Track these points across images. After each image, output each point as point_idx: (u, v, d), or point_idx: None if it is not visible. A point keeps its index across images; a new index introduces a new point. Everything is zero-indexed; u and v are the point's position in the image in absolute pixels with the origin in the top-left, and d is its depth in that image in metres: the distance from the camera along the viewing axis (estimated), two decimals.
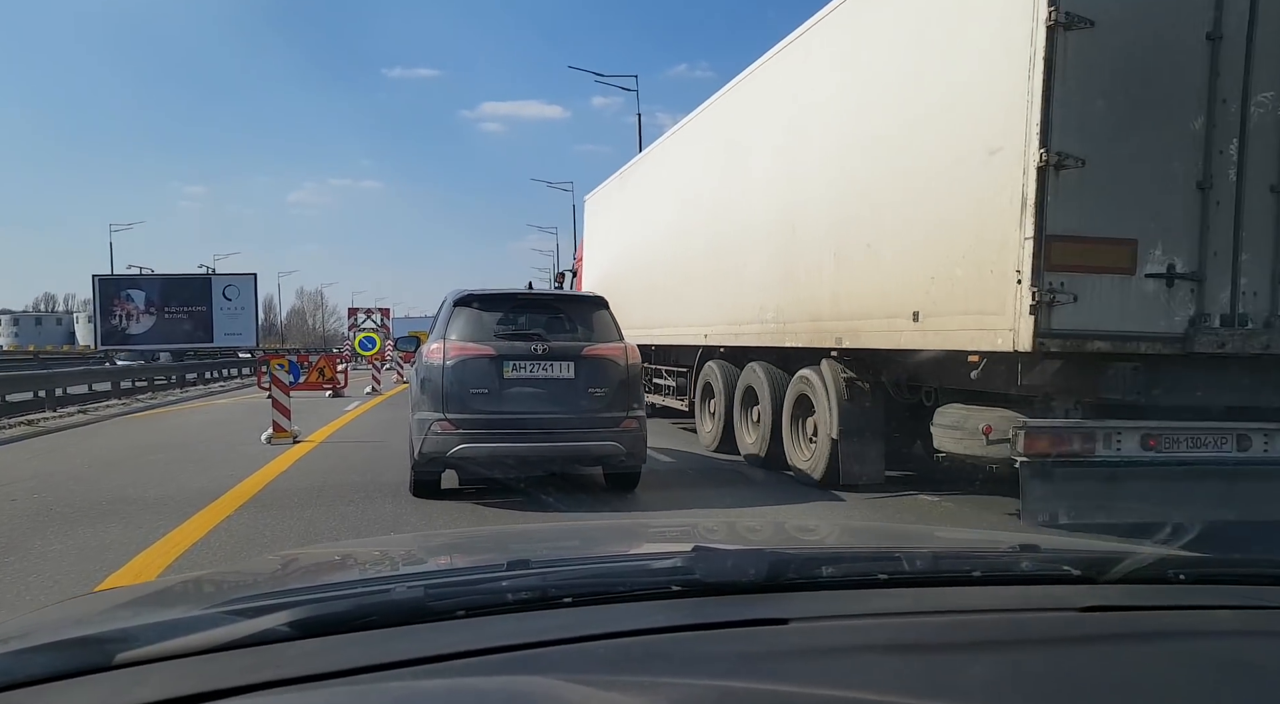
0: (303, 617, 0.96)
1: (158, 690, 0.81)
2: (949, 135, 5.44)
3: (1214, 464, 5.08)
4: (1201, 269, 4.86)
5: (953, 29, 5.47)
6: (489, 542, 2.12)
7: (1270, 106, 4.87)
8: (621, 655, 0.93)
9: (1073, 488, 4.95)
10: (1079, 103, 4.67)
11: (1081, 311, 4.75)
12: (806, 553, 1.43)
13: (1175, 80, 4.79)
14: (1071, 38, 4.63)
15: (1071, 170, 4.67)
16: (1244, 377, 5.11)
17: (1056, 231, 4.69)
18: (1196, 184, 4.84)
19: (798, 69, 7.79)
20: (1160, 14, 4.76)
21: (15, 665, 0.90)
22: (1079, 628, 1.07)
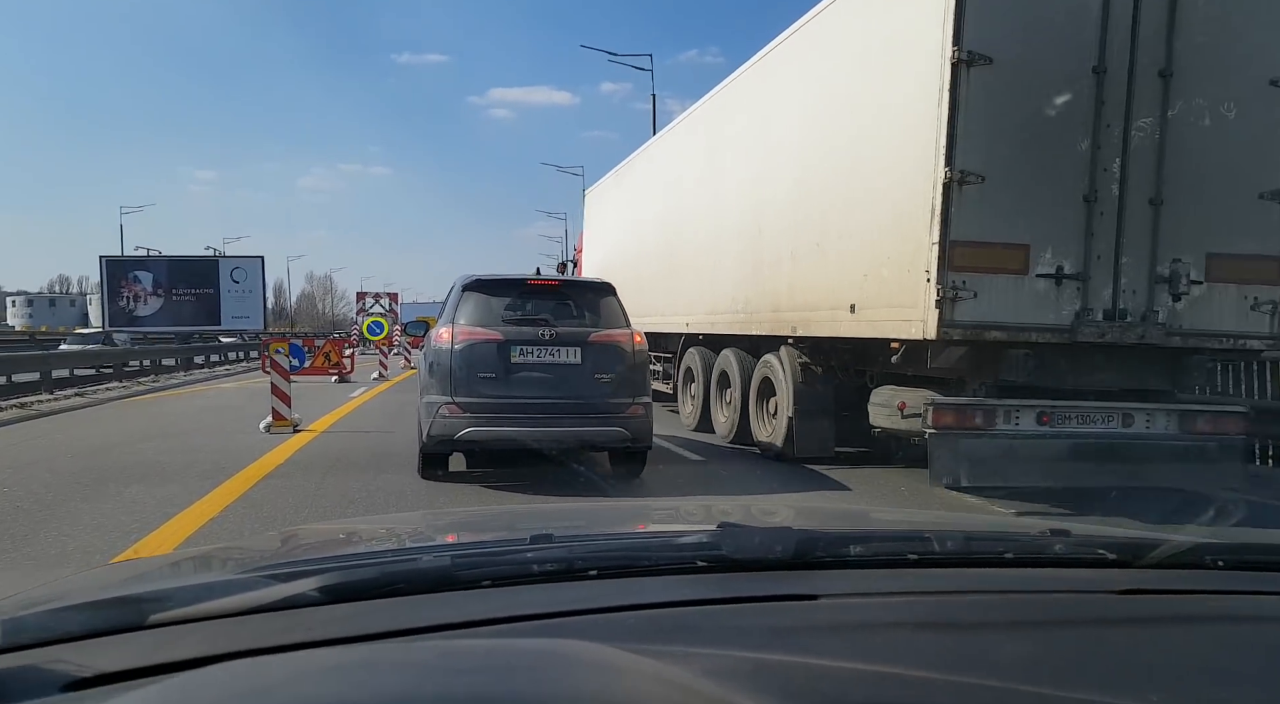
0: (332, 582, 0.97)
1: (190, 649, 0.83)
2: (880, 151, 6.25)
3: (1101, 438, 5.90)
4: (1086, 270, 5.67)
5: (884, 60, 6.26)
6: (510, 518, 2.12)
7: (1148, 130, 5.65)
8: (651, 626, 0.93)
9: (974, 455, 5.77)
10: (980, 128, 5.47)
11: (981, 306, 5.56)
12: (835, 532, 1.38)
13: (1065, 108, 5.58)
14: (973, 73, 5.42)
15: (973, 185, 5.48)
16: (1128, 363, 5.93)
17: (959, 238, 5.50)
18: (1083, 197, 5.64)
19: (764, 83, 8.59)
20: (1051, 51, 5.55)
21: (54, 622, 0.93)
22: (1115, 610, 1.06)
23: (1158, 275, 5.74)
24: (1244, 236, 5.82)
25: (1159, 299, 5.76)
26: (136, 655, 0.83)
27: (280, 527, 5.01)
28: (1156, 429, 5.95)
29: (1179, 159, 5.69)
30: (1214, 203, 5.77)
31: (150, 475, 6.61)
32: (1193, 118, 5.68)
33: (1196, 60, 5.65)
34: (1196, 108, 5.68)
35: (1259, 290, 5.87)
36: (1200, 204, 5.74)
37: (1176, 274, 5.74)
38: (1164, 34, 5.61)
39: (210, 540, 4.66)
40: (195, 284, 35.34)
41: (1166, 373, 6.06)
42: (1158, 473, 5.96)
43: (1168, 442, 5.94)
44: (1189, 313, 5.80)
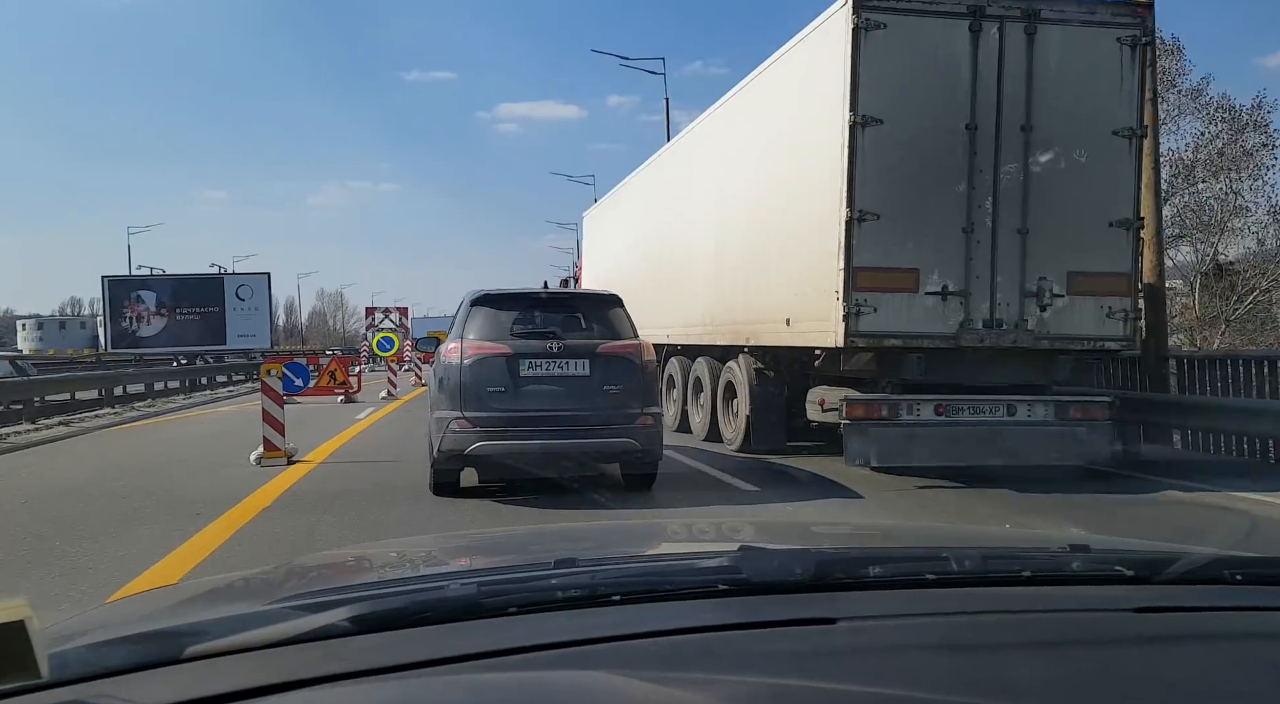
0: (362, 612, 0.99)
1: (229, 683, 0.85)
2: (804, 194, 7.59)
3: (989, 425, 7.19)
4: (967, 288, 6.98)
5: (805, 119, 7.62)
6: (531, 541, 2.16)
7: (1014, 174, 6.98)
8: (674, 653, 0.95)
9: (882, 441, 7.08)
10: (874, 175, 6.81)
11: (880, 319, 6.89)
12: (853, 553, 1.42)
13: (945, 157, 6.92)
14: (867, 132, 6.77)
15: (870, 222, 6.81)
16: (1008, 363, 7.23)
17: (860, 264, 6.83)
18: (962, 229, 6.96)
19: (727, 127, 9.96)
20: (931, 112, 6.89)
21: (97, 657, 0.95)
22: (1133, 628, 1.06)
23: (1027, 291, 7.05)
24: (1098, 257, 7.12)
25: (1029, 310, 7.06)
26: (177, 690, 0.85)
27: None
28: (1036, 417, 7.24)
29: (1041, 196, 7.00)
30: (1072, 231, 7.08)
31: (110, 526, 5.74)
32: (1051, 163, 7.00)
33: (1051, 117, 6.97)
34: (1053, 155, 7.00)
35: (1112, 301, 7.17)
36: (1060, 232, 7.05)
37: (1042, 289, 7.05)
38: (1023, 97, 6.93)
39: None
40: (200, 303, 34.16)
41: (1041, 370, 7.35)
42: (1037, 453, 7.25)
43: (1045, 427, 7.23)
44: (1055, 321, 7.10)
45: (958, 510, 6.49)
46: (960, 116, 6.91)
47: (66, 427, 13.49)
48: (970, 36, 6.87)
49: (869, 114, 6.76)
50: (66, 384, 16.55)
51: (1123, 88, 7.07)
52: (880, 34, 6.74)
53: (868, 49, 6.72)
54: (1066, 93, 6.99)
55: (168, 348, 33.02)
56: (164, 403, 18.85)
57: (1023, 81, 6.93)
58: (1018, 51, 6.92)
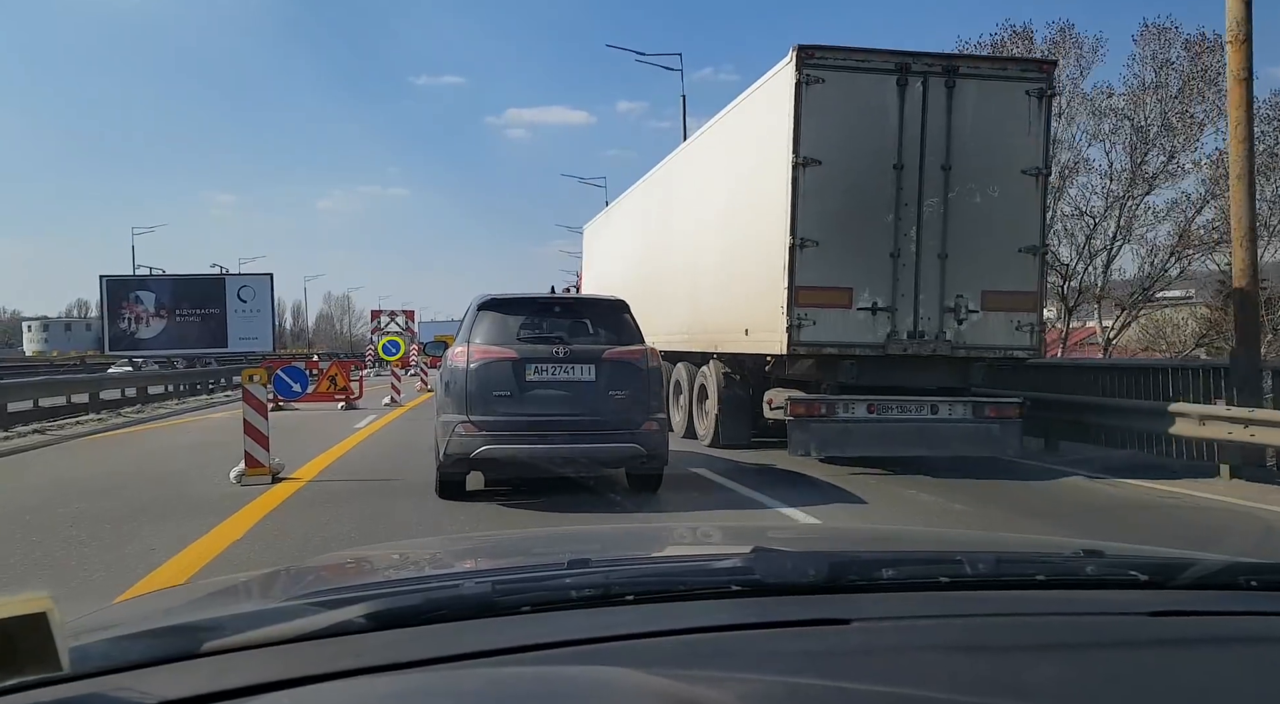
0: (378, 609, 1.00)
1: (245, 677, 0.87)
2: (759, 220, 8.76)
3: (914, 421, 8.34)
4: (894, 304, 8.14)
5: (760, 157, 8.79)
6: (545, 542, 2.18)
7: (935, 207, 8.14)
8: (688, 651, 0.95)
9: (821, 434, 8.24)
10: (814, 209, 7.98)
11: (819, 331, 8.06)
12: (867, 555, 1.41)
13: (875, 192, 8.08)
14: (808, 171, 7.94)
15: (810, 248, 7.98)
16: (931, 369, 8.39)
17: (801, 283, 8.00)
18: (890, 254, 8.12)
19: (700, 156, 11.15)
20: (863, 154, 8.06)
21: (116, 651, 0.96)
22: (1148, 632, 1.07)
23: (946, 307, 8.21)
24: (1008, 278, 8.28)
25: (947, 323, 8.22)
26: (195, 683, 0.86)
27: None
28: (955, 415, 8.40)
29: (958, 225, 8.16)
30: (986, 255, 8.24)
31: (43, 568, 4.84)
32: (967, 197, 8.16)
33: (968, 158, 8.13)
34: (970, 190, 8.16)
35: (1020, 316, 8.33)
36: (975, 256, 8.21)
37: (959, 305, 8.21)
38: (944, 140, 8.10)
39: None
40: (200, 304, 32.96)
41: (958, 375, 8.51)
42: (956, 446, 8.40)
43: (964, 423, 8.38)
44: (970, 333, 8.26)
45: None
46: (889, 157, 8.07)
47: (42, 435, 12.50)
48: (898, 89, 8.04)
49: (809, 156, 7.94)
50: (40, 388, 15.60)
51: (1030, 132, 8.23)
52: (819, 87, 7.92)
53: (808, 100, 7.90)
54: (981, 137, 8.15)
55: (167, 351, 32.14)
56: (155, 408, 17.75)
57: (943, 127, 8.10)
58: (939, 102, 8.09)
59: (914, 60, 8.07)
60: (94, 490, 7.45)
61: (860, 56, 8.05)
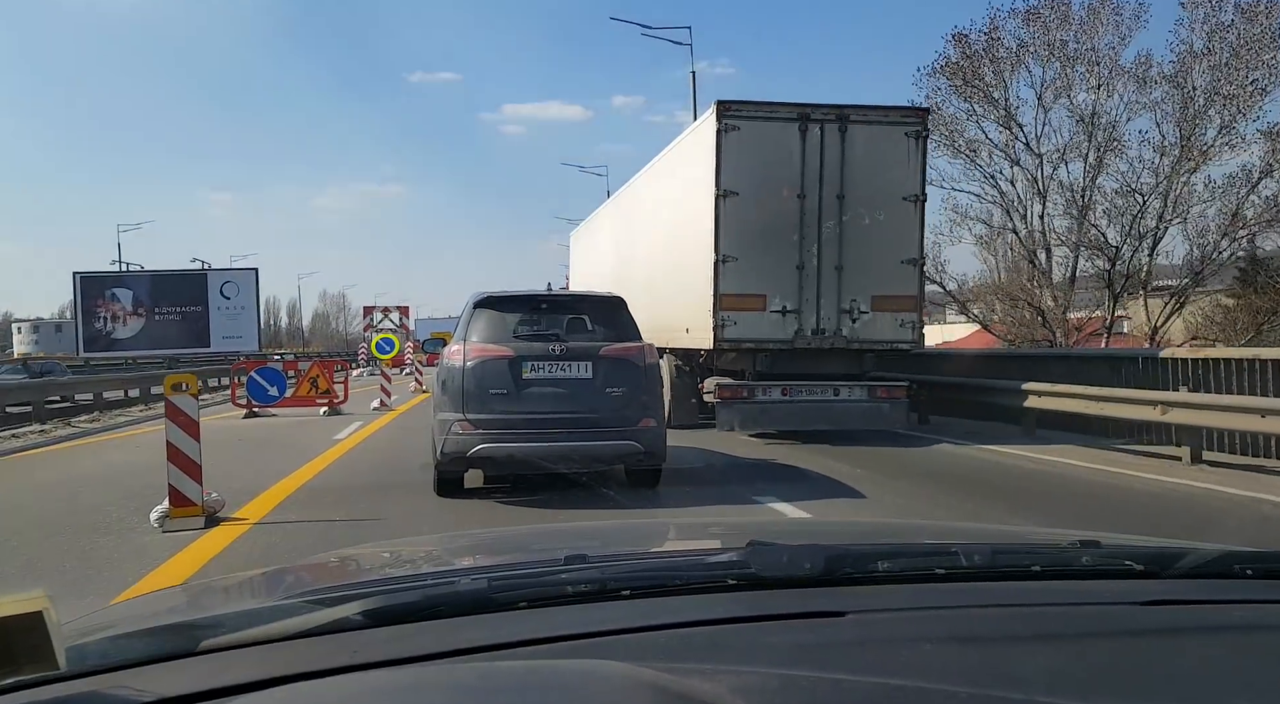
0: (375, 606, 1.01)
1: (242, 674, 0.87)
2: (694, 239, 10.71)
3: (820, 402, 10.29)
4: (800, 307, 10.09)
5: (694, 187, 10.74)
6: (543, 538, 2.18)
7: (832, 228, 10.07)
8: (683, 645, 0.96)
9: (743, 413, 10.18)
10: (733, 230, 9.92)
11: (739, 329, 10.00)
12: (861, 548, 1.40)
13: (782, 217, 10.02)
14: (727, 200, 9.88)
15: (731, 263, 9.93)
16: (832, 359, 10.34)
17: (724, 292, 9.94)
18: (796, 266, 10.06)
19: (656, 179, 13.11)
20: (773, 186, 10.00)
21: (114, 649, 0.98)
22: (1142, 621, 1.08)
23: (842, 309, 10.16)
24: (893, 285, 10.22)
25: (844, 322, 10.17)
26: (192, 681, 0.86)
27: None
28: (853, 396, 10.34)
29: (851, 243, 10.10)
30: (874, 267, 10.17)
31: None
32: (858, 220, 10.10)
33: (858, 188, 10.06)
34: (860, 214, 10.10)
35: (903, 316, 10.28)
36: (866, 268, 10.15)
37: (853, 308, 10.16)
38: (838, 174, 10.04)
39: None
40: (181, 301, 30.85)
41: (854, 364, 10.46)
42: (854, 421, 10.34)
43: (860, 403, 10.32)
44: (863, 330, 10.21)
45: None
46: (794, 188, 10.02)
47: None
48: (800, 133, 9.99)
49: (728, 188, 9.89)
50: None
51: (909, 166, 10.18)
52: (736, 133, 9.87)
53: (727, 144, 9.85)
54: (869, 171, 10.09)
55: (145, 351, 30.48)
56: (115, 416, 15.99)
57: (837, 163, 10.04)
58: (834, 143, 10.03)
59: (812, 110, 10.02)
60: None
61: (769, 108, 10.01)
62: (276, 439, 11.19)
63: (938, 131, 19.22)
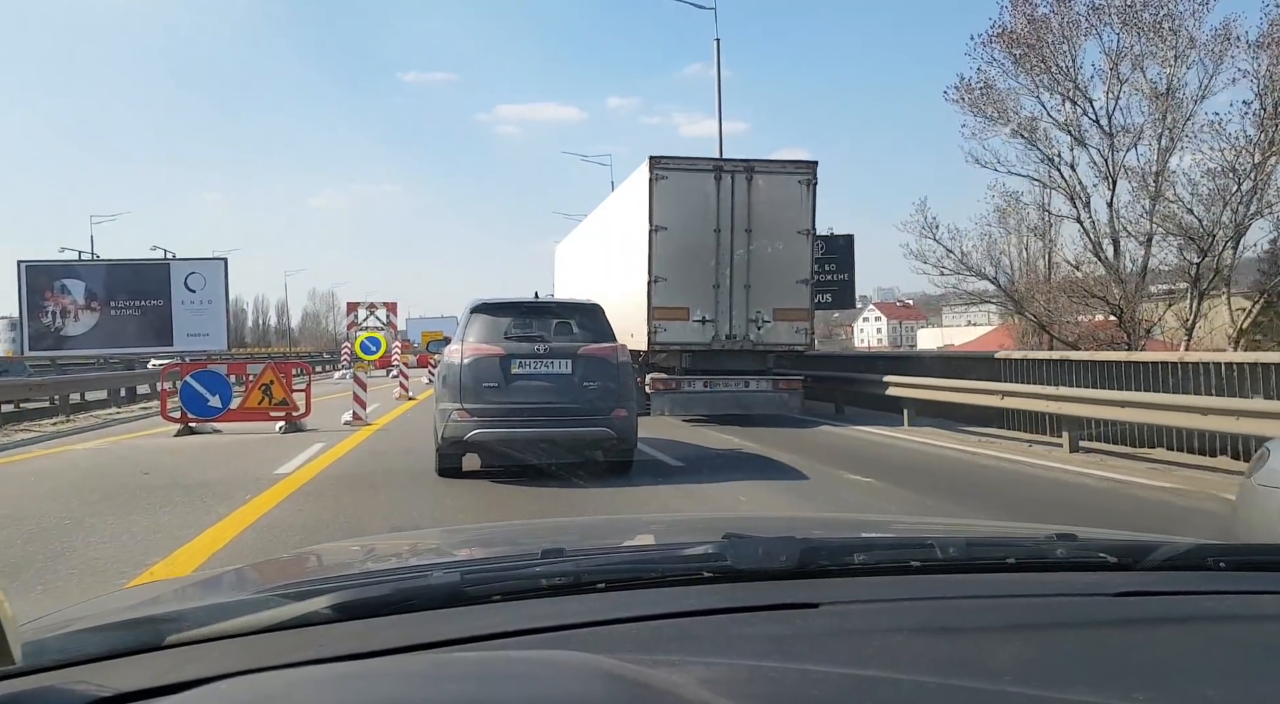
0: (344, 600, 1.00)
1: (206, 668, 0.85)
2: (634, 262, 13.44)
3: (734, 391, 13.04)
4: (716, 317, 12.85)
5: (634, 220, 13.48)
6: (522, 533, 2.19)
7: (742, 256, 12.84)
8: (653, 636, 0.96)
9: (672, 401, 12.91)
10: (663, 257, 12.67)
11: (669, 335, 12.76)
12: (838, 541, 1.41)
13: (702, 246, 12.78)
14: (658, 234, 12.64)
15: (661, 282, 12.68)
16: (743, 359, 13.11)
17: (656, 305, 12.69)
18: (713, 285, 12.83)
19: (610, 210, 15.86)
20: (694, 222, 12.75)
21: (74, 644, 0.96)
22: (1115, 612, 1.09)
23: (750, 319, 12.93)
24: (790, 300, 13.00)
25: (751, 330, 12.94)
26: (154, 675, 0.85)
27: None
28: (760, 388, 13.10)
29: (757, 267, 12.86)
30: (775, 286, 12.94)
31: None
32: (762, 249, 12.87)
33: (762, 223, 12.83)
34: (763, 244, 12.87)
35: (798, 324, 13.08)
36: (768, 286, 12.92)
37: (758, 318, 12.93)
38: (746, 213, 12.80)
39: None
40: (140, 294, 27.52)
41: (760, 362, 13.23)
42: (760, 407, 13.10)
43: (765, 392, 13.09)
44: (766, 335, 12.98)
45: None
46: (710, 224, 12.78)
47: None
48: (715, 181, 12.76)
49: (659, 224, 12.64)
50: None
51: (802, 207, 12.96)
52: (664, 181, 12.63)
53: (657, 189, 12.60)
54: (770, 210, 12.87)
55: (99, 349, 27.24)
56: (41, 425, 14.61)
57: (745, 204, 12.81)
58: (742, 189, 12.80)
59: (726, 163, 12.81)
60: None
61: (690, 162, 12.79)
62: (197, 471, 8.32)
63: (990, 108, 18.45)
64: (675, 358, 13.13)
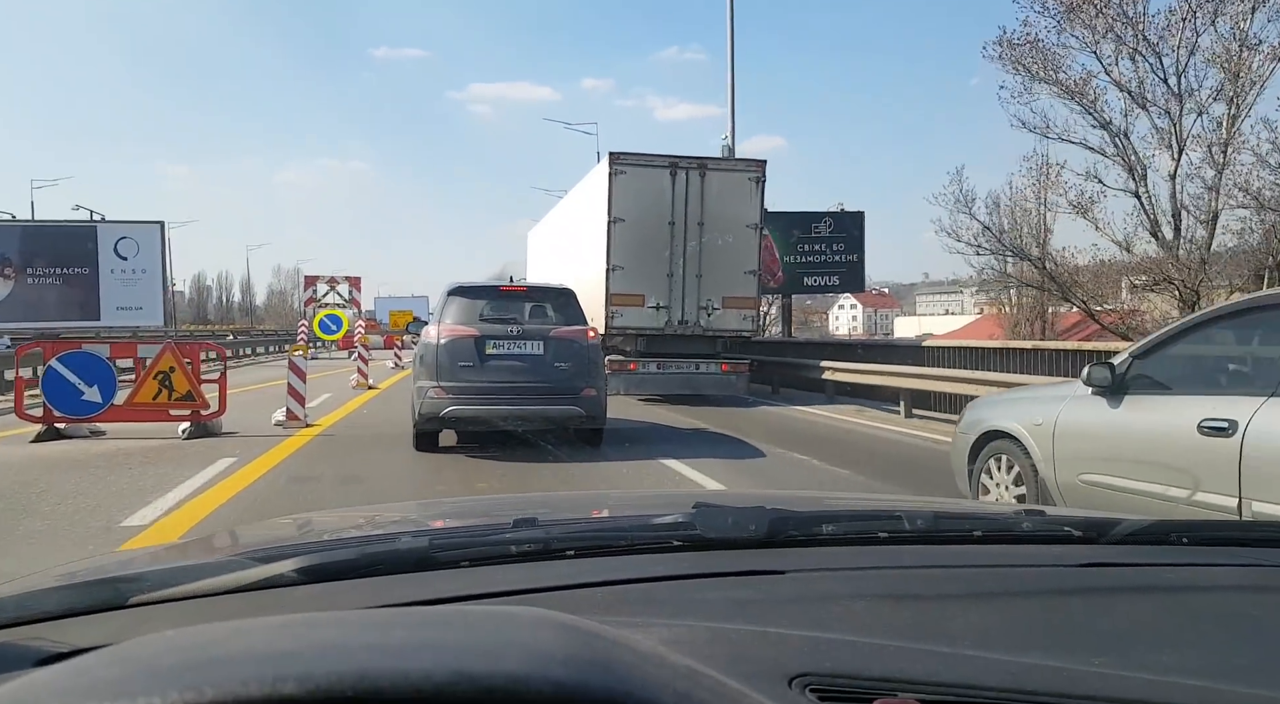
0: (311, 563, 1.00)
1: (166, 626, 0.81)
2: (594, 251, 14.32)
3: (685, 373, 14.00)
4: (670, 304, 13.79)
5: (594, 211, 14.35)
6: (494, 505, 2.21)
7: (694, 247, 13.77)
8: (618, 600, 0.98)
9: (628, 381, 13.81)
10: (620, 247, 13.57)
11: (625, 319, 13.68)
12: (806, 512, 1.43)
13: (657, 238, 13.70)
14: (616, 225, 13.53)
15: (618, 271, 13.59)
16: (695, 343, 14.08)
17: (613, 292, 13.60)
18: (667, 274, 13.76)
19: (575, 201, 16.70)
20: (650, 214, 13.65)
21: (32, 601, 0.96)
22: (1076, 581, 1.12)
23: (700, 306, 13.88)
24: (738, 289, 13.97)
25: (701, 316, 13.90)
26: (113, 633, 0.84)
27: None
28: (709, 370, 14.08)
29: (708, 258, 13.81)
30: (725, 276, 13.90)
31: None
32: (713, 241, 13.81)
33: (713, 217, 13.76)
34: (714, 237, 13.81)
35: (746, 312, 14.07)
36: (719, 277, 13.88)
37: (708, 305, 13.89)
38: (699, 207, 13.73)
39: None
40: (63, 261, 24.07)
41: (710, 347, 14.20)
42: (709, 388, 14.08)
43: (714, 375, 14.07)
44: (715, 322, 13.95)
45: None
46: (665, 216, 13.69)
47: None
48: (671, 177, 13.67)
49: (618, 216, 13.53)
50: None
51: (751, 203, 13.92)
52: (623, 176, 13.51)
53: (616, 183, 13.48)
54: (721, 205, 13.81)
55: (13, 323, 22.65)
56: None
57: (698, 199, 13.73)
58: (695, 184, 13.72)
59: (680, 160, 13.71)
60: None
61: (647, 159, 13.68)
62: (10, 514, 5.74)
63: (1038, 65, 16.54)
64: (631, 341, 14.05)
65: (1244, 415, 3.58)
